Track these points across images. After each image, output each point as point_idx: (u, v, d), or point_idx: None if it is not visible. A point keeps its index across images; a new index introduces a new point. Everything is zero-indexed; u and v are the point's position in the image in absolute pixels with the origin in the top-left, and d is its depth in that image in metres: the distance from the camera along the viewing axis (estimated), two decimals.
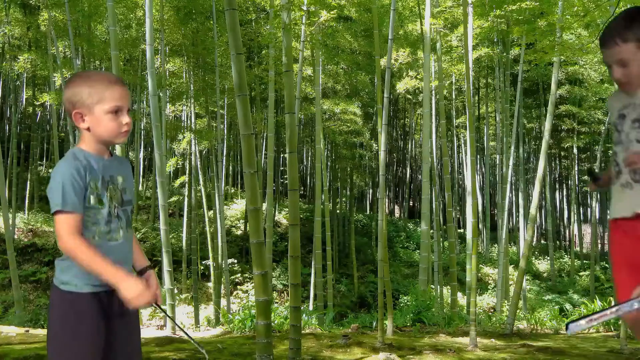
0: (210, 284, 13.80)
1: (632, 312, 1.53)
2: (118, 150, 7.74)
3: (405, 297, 10.77)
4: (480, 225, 19.32)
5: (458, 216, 24.06)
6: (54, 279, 1.76)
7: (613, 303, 1.45)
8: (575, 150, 23.47)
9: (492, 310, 13.38)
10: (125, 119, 1.79)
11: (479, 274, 17.51)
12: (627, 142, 2.01)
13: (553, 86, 7.21)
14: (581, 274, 20.00)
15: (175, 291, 12.12)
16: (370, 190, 24.73)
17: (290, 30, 5.41)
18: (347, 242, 19.00)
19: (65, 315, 1.74)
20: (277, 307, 9.34)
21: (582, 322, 1.51)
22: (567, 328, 1.53)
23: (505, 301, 12.04)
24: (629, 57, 1.87)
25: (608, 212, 2.03)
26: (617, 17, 1.95)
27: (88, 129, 1.79)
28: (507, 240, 13.71)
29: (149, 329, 8.33)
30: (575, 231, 24.49)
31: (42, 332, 6.33)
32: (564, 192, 28.46)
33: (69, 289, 1.73)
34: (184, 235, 14.59)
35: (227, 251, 12.82)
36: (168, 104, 14.51)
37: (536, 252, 21.75)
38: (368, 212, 24.90)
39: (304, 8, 6.85)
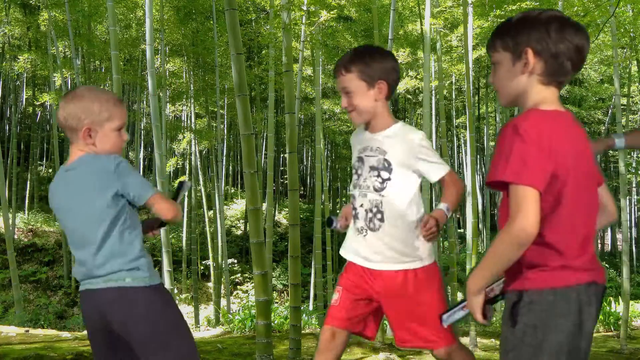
0: (210, 284, 13.81)
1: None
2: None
3: None
4: (480, 225, 19.31)
5: (458, 216, 24.05)
6: (133, 281, 1.78)
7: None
8: None
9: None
10: (125, 136, 1.93)
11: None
12: (365, 188, 2.11)
13: None
14: None
15: (175, 291, 12.14)
16: None
17: (290, 30, 5.41)
18: None
19: (167, 303, 1.87)
20: (277, 307, 9.34)
21: (444, 316, 1.58)
22: (441, 320, 1.60)
23: None
24: (351, 86, 2.07)
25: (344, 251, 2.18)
26: (346, 52, 2.18)
27: (94, 144, 1.86)
28: None
29: None
30: None
31: (42, 332, 6.32)
32: None
33: (154, 282, 1.83)
34: (184, 235, 14.58)
35: (227, 251, 12.82)
36: (168, 104, 14.51)
37: None
38: None
39: (304, 8, 6.85)
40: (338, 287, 2.18)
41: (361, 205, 2.11)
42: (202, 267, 14.57)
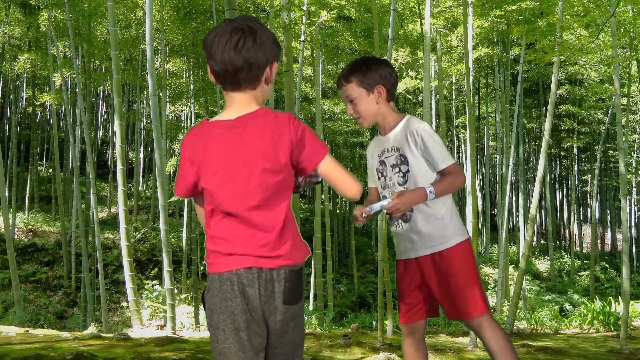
0: None
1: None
2: (118, 150, 7.74)
3: None
4: (480, 225, 19.32)
5: None
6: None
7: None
8: (575, 150, 23.46)
9: (492, 310, 13.37)
10: None
11: (479, 274, 17.51)
12: (392, 186, 2.32)
13: (553, 86, 7.21)
14: (581, 274, 19.99)
15: (175, 291, 12.13)
16: None
17: (290, 30, 5.41)
18: (347, 242, 19.00)
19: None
20: None
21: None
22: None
23: (505, 301, 12.05)
24: (353, 94, 2.28)
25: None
26: (345, 66, 2.37)
27: None
28: (507, 240, 13.71)
29: (149, 329, 8.33)
30: (575, 231, 24.48)
31: (42, 332, 6.32)
32: (564, 192, 28.45)
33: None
34: (184, 235, 14.59)
35: None
36: (168, 104, 14.52)
37: (536, 252, 21.75)
38: None
39: (304, 8, 6.85)
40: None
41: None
42: (202, 267, 14.56)
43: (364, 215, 2.15)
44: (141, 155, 22.07)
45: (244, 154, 1.59)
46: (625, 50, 11.39)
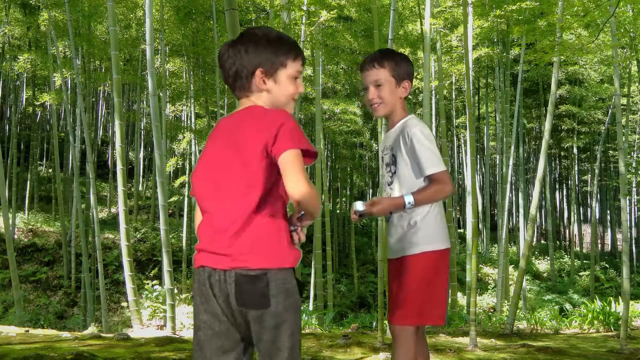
0: None
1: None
2: (118, 150, 7.74)
3: None
4: (480, 225, 19.32)
5: (458, 216, 24.06)
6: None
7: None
8: (575, 150, 23.45)
9: (492, 310, 13.37)
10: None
11: (479, 274, 17.51)
12: (384, 184, 2.33)
13: (553, 86, 7.21)
14: (581, 274, 19.99)
15: (175, 291, 12.12)
16: (370, 190, 24.71)
17: (290, 30, 5.41)
18: (347, 242, 18.99)
19: None
20: None
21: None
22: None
23: (505, 301, 12.04)
24: (382, 79, 2.28)
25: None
26: (372, 53, 2.41)
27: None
28: (507, 240, 13.71)
29: (149, 329, 8.33)
30: (575, 231, 24.47)
31: (42, 332, 6.32)
32: (564, 192, 28.44)
33: None
34: (184, 235, 14.59)
35: None
36: (168, 104, 14.52)
37: (536, 252, 21.74)
38: None
39: (304, 8, 6.85)
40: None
41: None
42: None
43: (352, 216, 2.19)
44: (141, 155, 22.07)
45: (224, 152, 1.63)
46: (625, 50, 11.39)
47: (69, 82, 16.73)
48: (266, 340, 1.58)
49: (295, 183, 1.49)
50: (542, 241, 24.82)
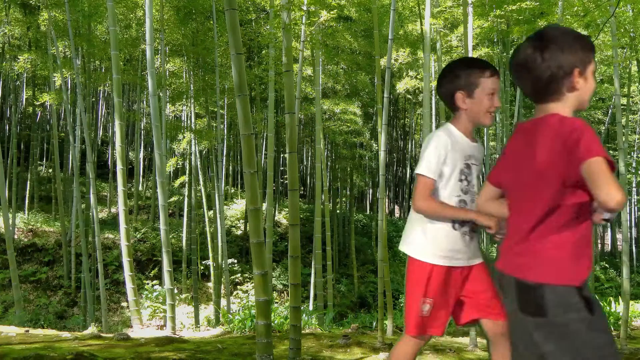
0: (210, 284, 13.81)
1: None
2: (118, 150, 7.74)
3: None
4: None
5: None
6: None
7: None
8: None
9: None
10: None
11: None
12: (472, 193, 2.28)
13: None
14: None
15: (175, 291, 12.13)
16: (370, 190, 24.72)
17: (290, 30, 5.41)
18: (347, 242, 18.99)
19: None
20: (277, 307, 9.34)
21: None
22: None
23: None
24: (497, 89, 2.30)
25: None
26: (485, 60, 2.42)
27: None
28: None
29: (149, 329, 8.33)
30: None
31: (42, 332, 6.32)
32: None
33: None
34: (184, 235, 14.59)
35: (227, 251, 12.82)
36: (168, 104, 14.51)
37: None
38: (368, 212, 24.89)
39: (304, 8, 6.84)
40: (429, 299, 2.17)
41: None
42: (202, 267, 14.57)
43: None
44: (141, 155, 22.07)
45: (524, 152, 1.90)
46: (625, 50, 11.39)
47: (69, 82, 16.73)
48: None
49: (608, 190, 1.51)
50: None
